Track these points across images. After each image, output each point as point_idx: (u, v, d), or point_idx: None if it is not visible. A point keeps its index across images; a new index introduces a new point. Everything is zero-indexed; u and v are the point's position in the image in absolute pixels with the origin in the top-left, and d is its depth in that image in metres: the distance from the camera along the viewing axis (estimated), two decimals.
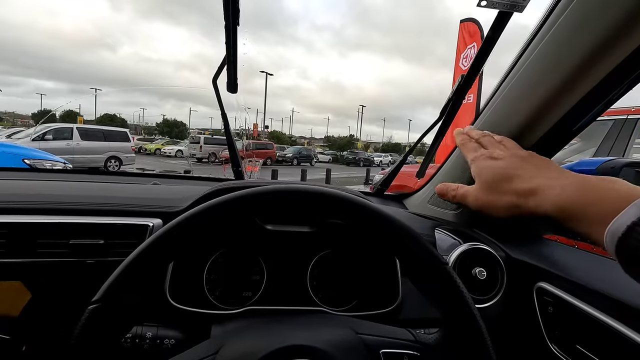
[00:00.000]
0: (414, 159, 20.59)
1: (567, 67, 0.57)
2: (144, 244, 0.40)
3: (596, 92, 0.57)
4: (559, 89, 0.60)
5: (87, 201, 0.70)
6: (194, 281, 0.74)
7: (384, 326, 0.50)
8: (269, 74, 37.01)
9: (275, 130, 61.41)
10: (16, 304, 0.65)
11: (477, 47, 5.23)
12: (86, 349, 0.37)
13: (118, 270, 0.39)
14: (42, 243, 0.63)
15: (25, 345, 0.68)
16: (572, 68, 0.57)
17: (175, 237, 0.42)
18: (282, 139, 49.85)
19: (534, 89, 0.64)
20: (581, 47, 0.54)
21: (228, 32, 0.72)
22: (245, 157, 3.76)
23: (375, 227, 0.46)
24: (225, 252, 0.78)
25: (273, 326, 0.48)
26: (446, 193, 0.69)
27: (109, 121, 42.83)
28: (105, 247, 0.65)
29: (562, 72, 0.58)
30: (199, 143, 20.40)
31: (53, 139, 10.71)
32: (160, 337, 0.54)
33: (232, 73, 0.80)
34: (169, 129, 46.27)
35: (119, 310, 0.40)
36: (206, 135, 22.70)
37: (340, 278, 0.81)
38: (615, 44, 0.51)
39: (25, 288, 0.64)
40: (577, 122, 0.65)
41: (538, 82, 0.63)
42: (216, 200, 0.44)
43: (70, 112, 31.17)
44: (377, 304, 0.75)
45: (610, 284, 0.59)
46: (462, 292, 0.44)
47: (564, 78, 0.58)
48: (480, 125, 0.81)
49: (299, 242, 0.80)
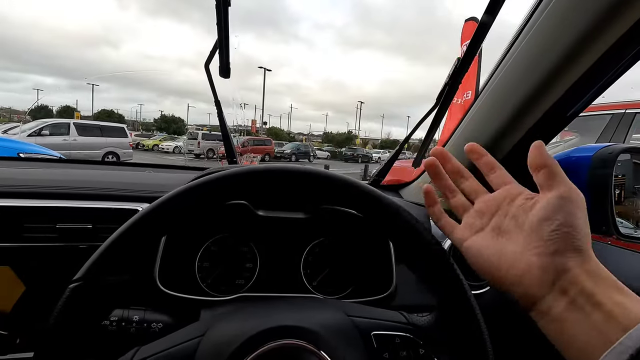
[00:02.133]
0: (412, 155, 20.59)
1: (558, 53, 0.57)
2: (128, 222, 0.39)
3: (587, 78, 0.57)
4: (550, 75, 0.60)
5: (77, 185, 0.69)
6: (186, 269, 0.73)
7: (376, 309, 0.49)
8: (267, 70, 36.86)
9: (274, 127, 61.26)
10: (8, 298, 0.63)
11: None
12: (66, 328, 0.36)
13: (101, 249, 0.38)
14: (29, 227, 0.62)
15: (19, 338, 0.67)
16: (562, 54, 0.56)
17: (160, 215, 0.40)
18: (281, 135, 49.71)
19: (525, 78, 0.64)
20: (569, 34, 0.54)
21: (219, 12, 0.70)
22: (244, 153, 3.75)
23: (368, 208, 0.45)
24: (217, 240, 0.77)
25: (263, 308, 0.47)
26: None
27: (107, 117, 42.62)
28: (93, 232, 0.64)
29: (551, 59, 0.58)
30: (196, 139, 20.31)
31: (50, 134, 10.62)
32: (148, 320, 0.52)
33: (224, 57, 0.78)
34: (167, 125, 46.04)
35: (101, 290, 0.38)
36: (204, 131, 22.61)
37: (335, 266, 0.80)
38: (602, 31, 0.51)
39: (18, 279, 0.63)
40: (570, 108, 0.64)
41: (529, 70, 0.63)
42: (205, 178, 0.43)
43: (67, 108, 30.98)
44: (371, 291, 0.74)
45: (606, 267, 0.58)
46: (455, 271, 0.43)
47: (555, 65, 0.58)
48: (475, 113, 0.80)
49: (292, 229, 0.78)
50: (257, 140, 21.16)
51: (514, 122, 0.68)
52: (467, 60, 0.72)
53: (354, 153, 32.09)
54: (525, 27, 0.62)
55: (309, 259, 0.79)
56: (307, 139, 52.57)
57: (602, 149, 0.76)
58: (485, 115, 0.76)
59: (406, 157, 4.02)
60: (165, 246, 0.66)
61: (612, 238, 0.72)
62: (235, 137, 2.65)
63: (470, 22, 5.71)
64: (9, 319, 0.63)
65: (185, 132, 31.79)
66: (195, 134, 21.49)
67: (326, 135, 61.22)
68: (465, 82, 0.80)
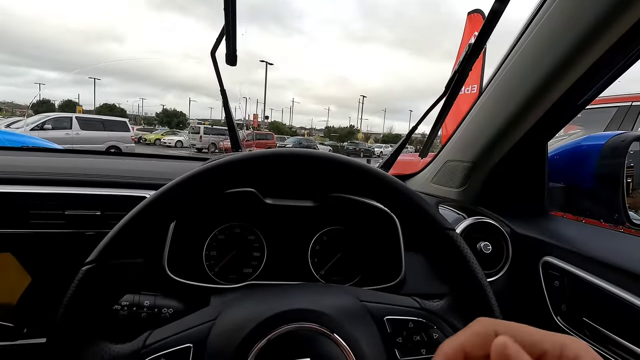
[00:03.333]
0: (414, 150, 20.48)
1: (569, 42, 0.56)
2: (139, 205, 0.39)
3: (596, 68, 0.56)
4: (562, 64, 0.59)
5: (85, 172, 0.68)
6: (194, 257, 0.73)
7: (388, 294, 0.49)
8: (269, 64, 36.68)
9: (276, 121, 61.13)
10: (14, 290, 0.63)
11: None
12: (78, 311, 0.36)
13: (113, 232, 0.37)
14: (36, 214, 0.61)
15: (26, 328, 0.67)
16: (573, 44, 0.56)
17: (170, 199, 0.40)
18: (283, 129, 49.61)
19: (535, 67, 0.64)
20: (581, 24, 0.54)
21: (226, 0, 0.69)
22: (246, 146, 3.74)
23: (380, 192, 0.45)
24: (225, 229, 0.76)
25: (274, 293, 0.47)
26: None
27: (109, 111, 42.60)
28: (102, 219, 0.64)
29: (562, 48, 0.58)
30: (198, 133, 20.29)
31: (52, 128, 10.64)
32: (159, 306, 0.52)
33: (231, 44, 0.77)
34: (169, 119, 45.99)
35: (113, 272, 0.38)
36: (206, 125, 22.59)
37: (343, 254, 0.80)
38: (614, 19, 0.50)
39: (24, 270, 0.63)
40: (580, 96, 0.63)
41: (539, 60, 0.63)
42: (215, 162, 0.42)
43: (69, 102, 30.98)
44: (379, 280, 0.74)
45: (618, 255, 0.58)
46: (467, 255, 0.43)
47: (565, 55, 0.58)
48: (484, 102, 0.80)
49: (300, 217, 0.78)
50: (258, 135, 21.12)
51: (524, 111, 0.67)
52: (478, 47, 0.71)
53: (356, 147, 31.98)
54: (536, 17, 0.61)
55: (316, 248, 0.79)
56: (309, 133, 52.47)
57: (614, 137, 0.75)
58: (494, 106, 0.75)
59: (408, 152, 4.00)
60: (173, 234, 0.65)
61: (623, 227, 0.71)
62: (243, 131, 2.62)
63: (473, 15, 5.65)
64: (15, 311, 0.63)
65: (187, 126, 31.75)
66: (197, 128, 21.47)
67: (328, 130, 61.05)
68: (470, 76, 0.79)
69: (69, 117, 11.40)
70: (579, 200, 0.79)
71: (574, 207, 0.79)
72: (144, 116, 60.76)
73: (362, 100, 58.46)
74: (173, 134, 27.63)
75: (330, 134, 53.84)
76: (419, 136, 2.58)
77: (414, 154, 1.83)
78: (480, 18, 5.53)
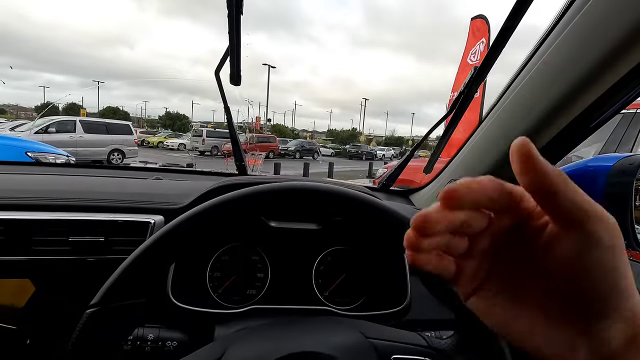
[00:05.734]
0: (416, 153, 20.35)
1: (583, 65, 0.55)
2: (143, 245, 0.39)
3: (615, 90, 0.55)
4: (576, 86, 0.57)
5: (87, 197, 0.68)
6: (197, 279, 0.73)
7: (395, 330, 0.48)
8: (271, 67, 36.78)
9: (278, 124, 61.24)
10: (22, 295, 0.63)
11: (486, 43, 5.17)
12: (84, 353, 0.36)
13: (116, 273, 0.37)
14: (41, 240, 0.61)
15: (29, 339, 0.67)
16: (591, 64, 0.54)
17: (175, 237, 0.40)
18: (285, 132, 49.68)
19: (549, 86, 0.62)
20: (600, 45, 0.52)
21: (231, 20, 0.69)
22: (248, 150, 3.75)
23: (382, 225, 0.45)
24: (229, 250, 0.76)
25: (279, 329, 0.46)
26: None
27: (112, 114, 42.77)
28: (106, 245, 0.64)
29: (578, 69, 0.56)
30: (201, 136, 20.35)
31: (56, 131, 10.70)
32: (163, 338, 0.52)
33: (235, 64, 0.77)
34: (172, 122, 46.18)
35: (118, 313, 0.38)
36: (208, 128, 22.66)
37: (347, 276, 0.79)
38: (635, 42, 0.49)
39: (29, 282, 0.63)
40: (594, 119, 0.62)
41: (555, 79, 0.61)
42: (219, 199, 0.42)
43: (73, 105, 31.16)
44: (385, 303, 0.73)
45: None
46: None
47: (581, 75, 0.56)
48: (492, 122, 0.79)
49: (304, 239, 0.78)
50: (261, 138, 21.16)
51: (531, 134, 0.66)
52: (484, 69, 0.70)
53: (358, 150, 31.98)
54: (548, 38, 0.60)
55: (320, 268, 0.78)
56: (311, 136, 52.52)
57: (623, 159, 0.74)
58: (501, 127, 0.74)
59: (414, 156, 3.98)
60: None
61: (632, 251, 0.70)
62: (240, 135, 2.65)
63: (477, 20, 5.65)
64: (22, 316, 0.63)
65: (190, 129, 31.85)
66: (199, 131, 21.52)
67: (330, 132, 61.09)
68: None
69: (72, 121, 11.46)
70: None
71: None
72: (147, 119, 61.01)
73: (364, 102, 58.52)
74: (176, 136, 27.72)
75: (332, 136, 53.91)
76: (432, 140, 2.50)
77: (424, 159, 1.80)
78: (483, 23, 5.53)
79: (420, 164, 1.08)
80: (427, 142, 1.17)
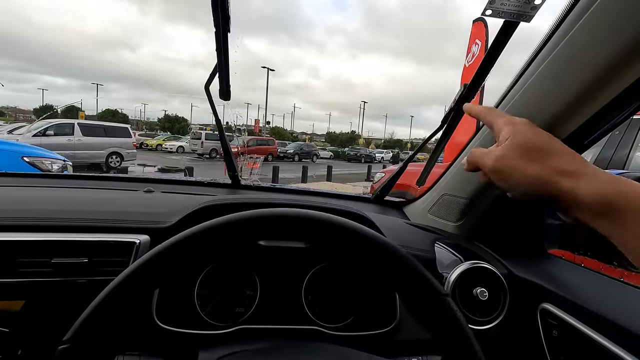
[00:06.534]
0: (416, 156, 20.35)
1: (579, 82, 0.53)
2: (118, 277, 0.38)
3: (609, 109, 0.53)
4: (571, 104, 0.56)
5: (72, 216, 0.67)
6: (184, 296, 0.72)
7: (378, 358, 0.47)
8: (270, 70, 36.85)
9: (277, 126, 61.28)
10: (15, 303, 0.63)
11: (481, 45, 5.16)
12: None
13: (89, 309, 0.36)
14: (23, 262, 0.60)
15: (20, 350, 0.66)
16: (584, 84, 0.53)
17: (154, 266, 0.39)
18: (284, 135, 49.74)
19: (543, 103, 0.60)
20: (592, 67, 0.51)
21: (218, 39, 0.69)
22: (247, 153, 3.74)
23: (372, 254, 0.44)
24: (217, 266, 0.75)
25: (261, 358, 0.45)
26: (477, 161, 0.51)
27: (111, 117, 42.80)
28: (90, 266, 0.63)
29: (573, 86, 0.54)
30: (200, 139, 20.34)
31: (54, 134, 10.67)
32: None
33: (224, 81, 0.77)
34: (171, 124, 46.17)
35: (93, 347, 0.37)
36: (207, 131, 22.66)
37: (337, 293, 0.78)
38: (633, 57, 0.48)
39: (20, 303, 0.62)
40: (588, 137, 0.61)
41: (547, 96, 0.59)
42: (198, 228, 0.41)
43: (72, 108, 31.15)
44: (374, 322, 0.72)
45: (617, 310, 0.56)
46: (462, 324, 0.41)
47: (577, 93, 0.54)
48: (483, 137, 0.78)
49: (293, 256, 0.77)
50: (260, 141, 21.18)
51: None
52: (474, 88, 0.70)
53: (357, 153, 32.03)
54: (542, 51, 0.59)
55: (310, 286, 0.78)
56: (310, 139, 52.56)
57: None
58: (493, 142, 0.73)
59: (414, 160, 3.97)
60: None
61: (625, 270, 0.70)
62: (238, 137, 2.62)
63: (478, 23, 5.67)
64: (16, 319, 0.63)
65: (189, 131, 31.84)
66: (198, 133, 21.52)
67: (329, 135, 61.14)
68: None
69: (71, 124, 11.43)
70: (578, 239, 0.77)
71: (573, 246, 0.77)
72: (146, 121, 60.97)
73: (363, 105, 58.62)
74: (175, 139, 27.73)
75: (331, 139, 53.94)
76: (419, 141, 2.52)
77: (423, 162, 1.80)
78: (480, 25, 5.55)
79: (419, 169, 1.08)
80: (427, 145, 1.16)
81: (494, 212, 0.80)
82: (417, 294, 0.43)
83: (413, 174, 2.13)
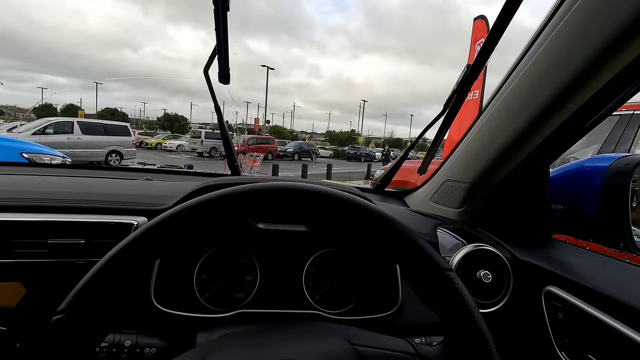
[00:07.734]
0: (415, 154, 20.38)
1: (578, 62, 0.53)
2: (114, 248, 0.37)
3: (608, 89, 0.53)
4: (570, 85, 0.56)
5: (69, 198, 0.66)
6: (184, 282, 0.71)
7: (382, 336, 0.46)
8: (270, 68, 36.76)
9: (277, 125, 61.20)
10: (13, 296, 0.61)
11: None
12: None
13: (85, 279, 0.35)
14: (19, 243, 0.59)
15: (19, 342, 0.65)
16: (583, 64, 0.53)
17: (150, 239, 0.38)
18: (284, 133, 49.65)
19: (543, 85, 0.60)
20: (590, 44, 0.51)
21: (217, 17, 0.67)
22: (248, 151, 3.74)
23: (374, 228, 0.43)
24: (216, 252, 0.74)
25: (262, 336, 0.44)
26: None
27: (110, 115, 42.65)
28: (86, 247, 0.62)
29: (572, 67, 0.54)
30: (200, 137, 20.28)
31: (54, 132, 10.65)
32: (140, 345, 0.50)
33: (223, 62, 0.75)
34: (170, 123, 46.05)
35: (88, 318, 0.36)
36: (207, 130, 22.60)
37: (338, 279, 0.77)
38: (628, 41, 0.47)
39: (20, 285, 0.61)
40: (588, 118, 0.61)
41: (547, 78, 0.59)
42: (197, 200, 0.40)
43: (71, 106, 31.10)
44: (376, 307, 0.71)
45: (624, 290, 0.55)
46: (465, 299, 0.40)
47: (575, 74, 0.54)
48: (485, 122, 0.77)
49: (294, 241, 0.76)
50: (260, 139, 21.14)
51: (527, 133, 0.65)
52: (477, 68, 0.69)
53: (357, 152, 31.98)
54: (542, 33, 0.59)
55: (311, 272, 0.76)
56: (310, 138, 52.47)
57: (619, 159, 0.73)
58: (496, 127, 0.73)
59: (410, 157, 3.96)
60: (161, 260, 0.63)
61: (629, 253, 0.69)
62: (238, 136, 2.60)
63: (479, 21, 5.66)
64: (12, 316, 0.61)
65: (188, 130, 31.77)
66: (198, 132, 21.45)
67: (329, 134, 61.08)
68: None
69: (70, 122, 11.41)
70: (582, 223, 0.76)
71: (577, 230, 0.76)
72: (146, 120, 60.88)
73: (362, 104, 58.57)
74: (174, 138, 27.67)
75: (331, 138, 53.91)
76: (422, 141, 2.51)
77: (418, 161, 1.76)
78: (481, 23, 5.53)
79: (415, 166, 1.07)
80: (425, 143, 1.16)
81: (497, 197, 0.79)
82: (420, 268, 0.42)
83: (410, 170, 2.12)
